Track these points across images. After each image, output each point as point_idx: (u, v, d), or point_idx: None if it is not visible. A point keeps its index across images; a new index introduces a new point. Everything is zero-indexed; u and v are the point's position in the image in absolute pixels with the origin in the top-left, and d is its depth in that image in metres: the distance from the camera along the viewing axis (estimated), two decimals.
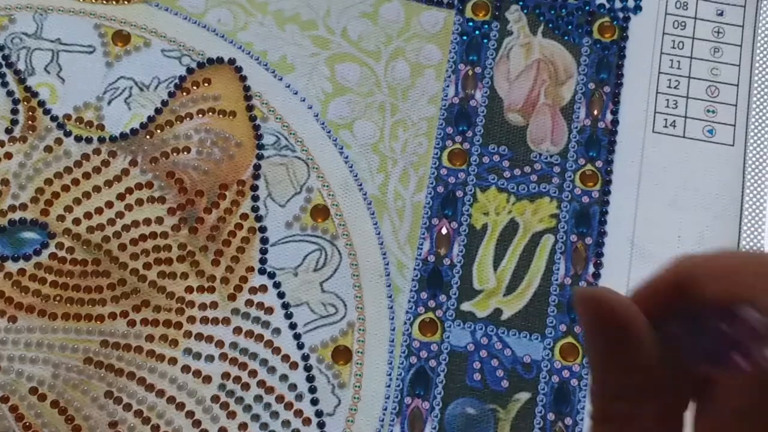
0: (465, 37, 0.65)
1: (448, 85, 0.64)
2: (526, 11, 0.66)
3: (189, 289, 0.59)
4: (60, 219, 0.59)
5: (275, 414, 0.57)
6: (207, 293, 0.59)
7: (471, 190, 0.62)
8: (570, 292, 0.60)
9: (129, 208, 0.60)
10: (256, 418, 0.57)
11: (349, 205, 0.61)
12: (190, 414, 0.57)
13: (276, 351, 0.58)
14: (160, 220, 0.60)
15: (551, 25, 0.66)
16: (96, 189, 0.60)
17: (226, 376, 0.57)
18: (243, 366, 0.58)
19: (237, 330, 0.58)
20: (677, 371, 0.31)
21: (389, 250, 0.61)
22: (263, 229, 0.60)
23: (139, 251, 0.59)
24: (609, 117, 0.64)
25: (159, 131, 0.62)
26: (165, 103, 0.62)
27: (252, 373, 0.58)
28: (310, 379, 0.58)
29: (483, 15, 0.66)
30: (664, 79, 0.65)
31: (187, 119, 0.62)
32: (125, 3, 0.65)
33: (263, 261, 0.60)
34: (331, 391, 0.58)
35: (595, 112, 0.64)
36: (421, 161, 0.63)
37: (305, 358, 0.58)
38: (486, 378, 0.58)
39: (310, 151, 0.62)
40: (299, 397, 0.58)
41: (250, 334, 0.58)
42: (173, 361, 0.57)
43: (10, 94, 0.62)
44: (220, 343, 0.58)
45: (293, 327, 0.59)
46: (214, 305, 0.59)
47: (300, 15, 0.65)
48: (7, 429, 0.55)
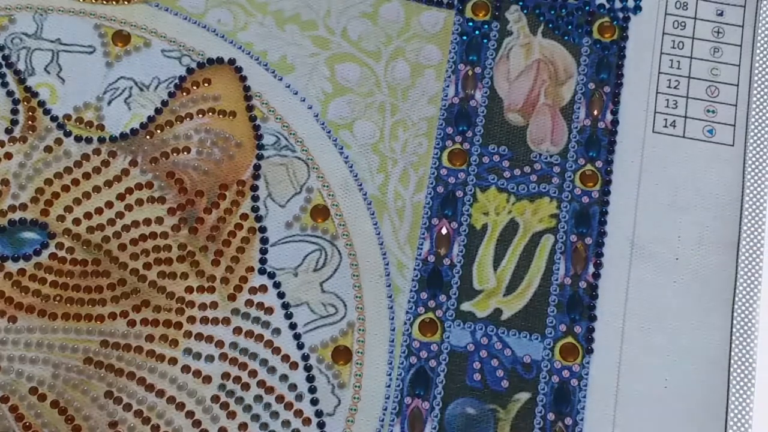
0: (465, 37, 0.65)
1: (448, 85, 0.64)
2: (526, 11, 0.66)
3: (189, 289, 0.59)
4: (60, 219, 0.59)
5: (275, 414, 0.57)
6: (207, 293, 0.59)
7: (471, 190, 0.62)
8: (570, 291, 0.60)
9: (129, 208, 0.60)
10: (256, 418, 0.57)
11: (349, 205, 0.61)
12: (190, 414, 0.57)
13: (276, 351, 0.58)
14: (160, 220, 0.60)
15: (551, 25, 0.66)
16: (96, 189, 0.60)
17: (226, 376, 0.57)
18: (243, 366, 0.58)
19: (237, 330, 0.58)
20: None
21: (389, 250, 0.61)
22: (263, 229, 0.60)
23: (139, 251, 0.59)
24: (609, 117, 0.64)
25: (159, 131, 0.62)
26: (165, 103, 0.63)
27: (252, 373, 0.58)
28: (310, 379, 0.58)
29: (483, 15, 0.66)
30: (664, 79, 0.65)
31: (187, 119, 0.62)
32: (125, 3, 0.65)
33: (263, 261, 0.60)
34: (331, 391, 0.58)
35: (595, 112, 0.64)
36: (421, 161, 0.63)
37: (305, 358, 0.58)
38: (486, 378, 0.58)
39: (310, 151, 0.62)
40: (299, 397, 0.58)
41: (250, 334, 0.58)
42: (173, 361, 0.57)
43: (10, 94, 0.62)
44: (220, 343, 0.58)
45: (293, 327, 0.59)
46: (214, 305, 0.59)
47: (300, 15, 0.65)
48: (7, 429, 0.55)
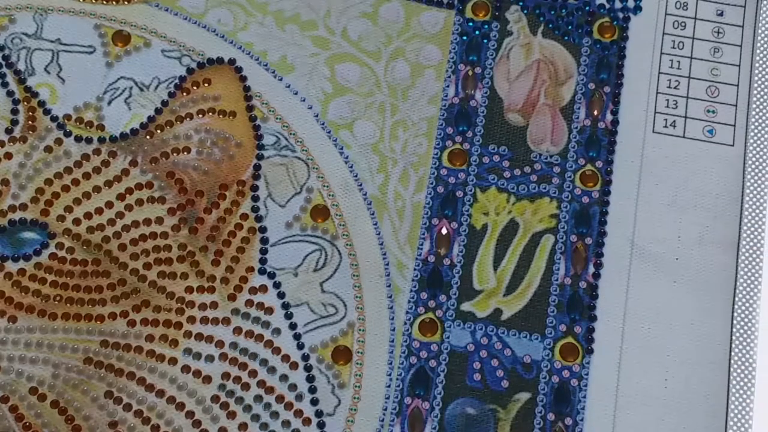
0: (465, 38, 0.65)
1: (448, 86, 0.64)
2: (526, 11, 0.66)
3: (189, 289, 0.59)
4: (60, 219, 0.59)
5: (275, 414, 0.57)
6: (207, 293, 0.59)
7: (471, 190, 0.62)
8: (570, 291, 0.60)
9: (129, 208, 0.60)
10: (256, 418, 0.57)
11: (349, 206, 0.61)
12: (190, 414, 0.57)
13: (276, 351, 0.58)
14: (160, 220, 0.60)
15: (551, 26, 0.66)
16: (96, 189, 0.60)
17: (226, 376, 0.57)
18: (243, 366, 0.58)
19: (237, 330, 0.58)
20: None
21: (389, 250, 0.61)
22: (263, 230, 0.60)
23: (139, 251, 0.59)
24: (609, 117, 0.64)
25: (159, 131, 0.62)
26: (165, 104, 0.63)
27: (252, 373, 0.58)
28: (310, 379, 0.58)
29: (483, 15, 0.66)
30: (664, 79, 0.65)
31: (187, 119, 0.62)
32: (125, 3, 0.65)
33: (263, 261, 0.60)
34: (331, 391, 0.58)
35: (595, 112, 0.64)
36: (421, 161, 0.63)
37: (305, 358, 0.58)
38: (486, 378, 0.58)
39: (310, 152, 0.62)
40: (299, 397, 0.58)
41: (250, 334, 0.58)
42: (173, 361, 0.57)
43: (10, 94, 0.62)
44: (220, 343, 0.58)
45: (293, 327, 0.59)
46: (214, 305, 0.59)
47: (300, 15, 0.65)
48: (7, 429, 0.55)
